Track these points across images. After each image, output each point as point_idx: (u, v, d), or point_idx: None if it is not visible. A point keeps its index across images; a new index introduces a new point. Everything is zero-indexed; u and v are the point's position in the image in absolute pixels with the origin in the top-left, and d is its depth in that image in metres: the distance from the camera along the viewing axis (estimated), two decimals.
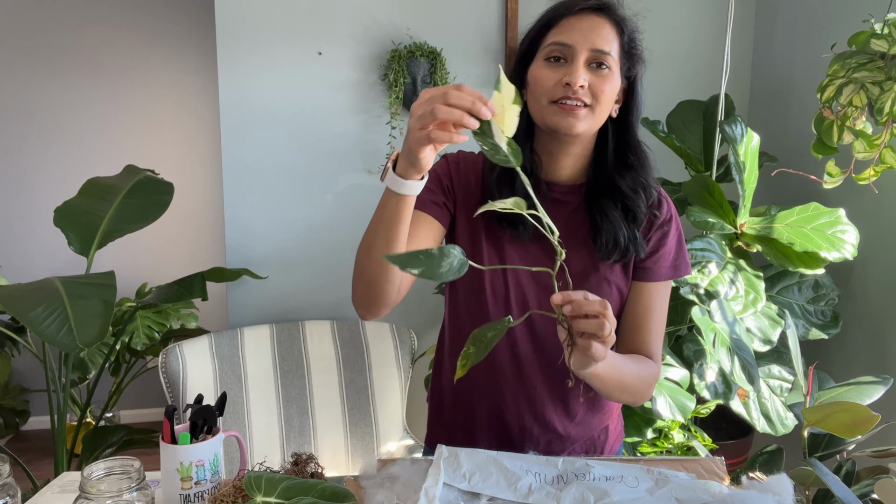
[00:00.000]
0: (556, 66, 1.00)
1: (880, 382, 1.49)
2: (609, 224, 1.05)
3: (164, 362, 1.75)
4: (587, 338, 0.83)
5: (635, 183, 1.06)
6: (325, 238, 2.09)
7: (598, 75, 0.99)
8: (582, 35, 0.99)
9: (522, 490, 0.93)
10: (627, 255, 1.07)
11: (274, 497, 0.82)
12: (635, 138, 1.08)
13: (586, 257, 1.08)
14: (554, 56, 1.01)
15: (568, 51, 0.99)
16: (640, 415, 1.76)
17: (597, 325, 0.82)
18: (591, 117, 1.01)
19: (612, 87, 1.01)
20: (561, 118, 1.00)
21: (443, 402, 1.23)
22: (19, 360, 3.05)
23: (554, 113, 1.00)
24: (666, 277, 1.11)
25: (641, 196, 1.06)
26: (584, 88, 0.98)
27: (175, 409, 0.99)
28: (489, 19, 2.11)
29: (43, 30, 3.23)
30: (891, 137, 1.44)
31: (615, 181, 1.06)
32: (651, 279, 1.10)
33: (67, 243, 1.79)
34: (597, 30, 0.99)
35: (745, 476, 0.99)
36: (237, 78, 1.99)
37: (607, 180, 1.07)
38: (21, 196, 3.30)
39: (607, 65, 1.00)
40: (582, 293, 0.83)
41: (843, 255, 1.68)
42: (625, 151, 1.07)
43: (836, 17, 1.95)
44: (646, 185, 1.07)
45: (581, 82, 0.97)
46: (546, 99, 1.01)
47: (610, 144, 1.07)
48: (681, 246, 1.13)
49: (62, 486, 1.07)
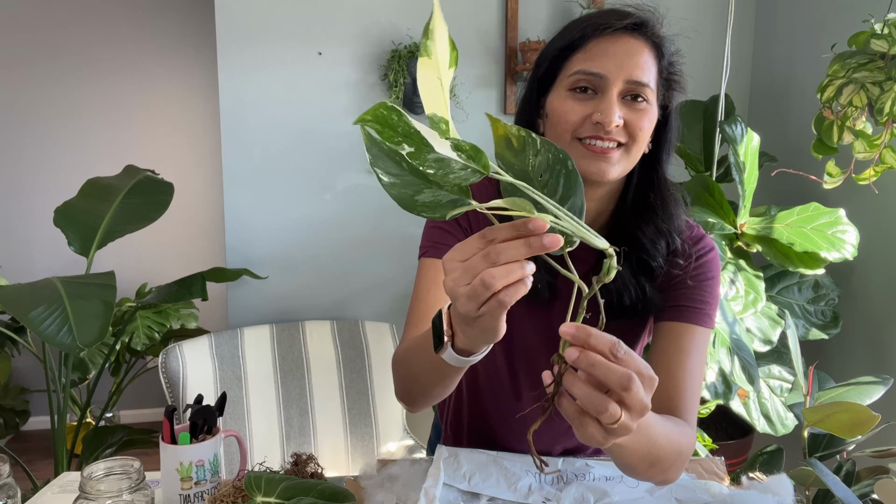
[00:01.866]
0: (583, 99, 0.84)
1: (880, 382, 1.49)
2: (613, 283, 0.79)
3: (164, 362, 1.75)
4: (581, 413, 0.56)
5: (657, 231, 0.91)
6: (325, 238, 2.09)
7: (635, 110, 0.84)
8: (616, 63, 0.83)
9: (522, 490, 0.93)
10: (635, 315, 0.92)
11: (274, 497, 0.82)
12: (663, 177, 0.92)
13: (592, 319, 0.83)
14: (581, 87, 0.85)
15: (599, 82, 0.83)
16: None
17: (599, 404, 0.54)
18: (626, 159, 0.85)
19: (650, 122, 0.85)
20: (591, 163, 0.84)
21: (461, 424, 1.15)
22: (19, 360, 3.05)
23: (581, 156, 0.84)
24: (698, 321, 0.91)
25: (660, 247, 0.91)
26: (619, 127, 0.83)
27: (175, 409, 0.98)
28: (489, 19, 2.11)
29: (43, 30, 3.22)
30: (891, 137, 1.44)
31: (634, 232, 0.91)
32: (683, 320, 0.91)
33: (67, 243, 1.79)
34: (633, 56, 0.83)
35: (745, 476, 0.99)
36: (237, 78, 1.99)
37: (626, 233, 0.91)
38: (21, 196, 3.30)
39: (645, 97, 0.84)
40: (608, 340, 0.55)
41: (843, 255, 1.68)
42: (646, 191, 0.92)
43: (836, 17, 1.95)
44: (666, 231, 0.91)
45: (617, 122, 0.82)
46: (570, 135, 0.85)
47: (634, 185, 0.92)
48: (717, 294, 0.95)
49: (62, 486, 1.07)
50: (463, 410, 1.14)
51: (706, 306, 0.92)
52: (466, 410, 1.13)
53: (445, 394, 0.79)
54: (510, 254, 0.54)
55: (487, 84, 2.11)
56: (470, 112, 2.11)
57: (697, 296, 0.92)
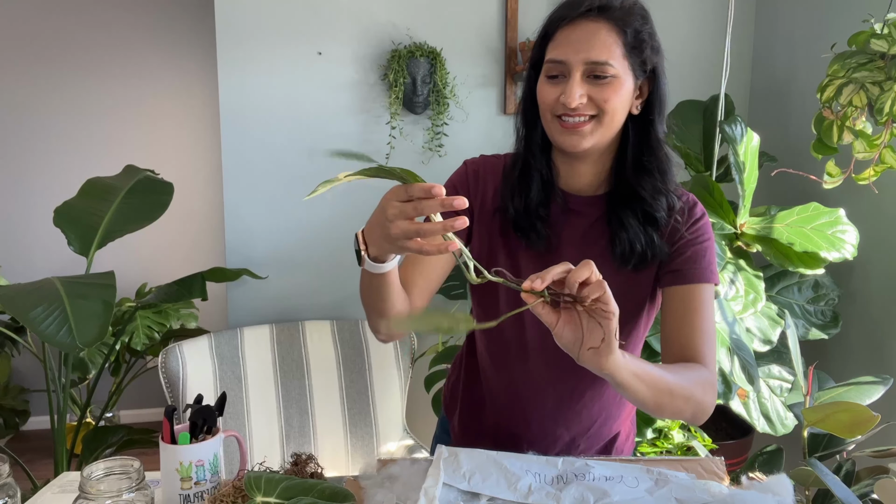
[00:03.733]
0: (555, 83, 0.96)
1: (880, 382, 1.49)
2: (625, 232, 1.00)
3: (164, 362, 1.75)
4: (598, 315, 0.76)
5: (655, 187, 1.00)
6: (325, 238, 2.09)
7: (598, 85, 0.94)
8: (574, 49, 0.94)
9: (522, 490, 0.93)
10: (646, 261, 1.02)
11: (274, 497, 0.82)
12: (655, 138, 1.01)
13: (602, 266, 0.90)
14: (551, 74, 0.97)
15: (563, 67, 0.95)
16: (640, 415, 1.76)
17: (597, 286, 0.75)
18: (600, 129, 0.96)
19: (617, 93, 0.95)
20: (565, 137, 0.97)
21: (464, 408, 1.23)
22: (19, 360, 3.05)
23: (558, 131, 0.97)
24: (703, 280, 1.01)
25: (661, 200, 1.01)
26: (585, 103, 0.94)
27: (175, 409, 0.99)
28: (489, 19, 2.11)
29: (43, 30, 3.22)
30: (891, 137, 1.44)
31: (635, 188, 1.01)
32: (687, 281, 1.01)
33: (67, 243, 1.79)
34: (591, 39, 0.94)
35: (745, 476, 0.99)
36: (237, 78, 1.99)
37: (627, 188, 1.01)
38: (21, 196, 3.30)
39: (607, 74, 0.94)
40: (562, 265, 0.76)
41: (843, 255, 1.68)
42: (641, 152, 1.01)
43: (836, 17, 1.95)
44: (664, 188, 1.01)
45: (575, 103, 0.93)
46: (550, 114, 0.98)
47: (630, 145, 1.01)
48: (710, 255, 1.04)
49: (62, 486, 1.07)
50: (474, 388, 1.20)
51: (708, 264, 1.02)
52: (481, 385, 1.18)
53: (388, 306, 0.93)
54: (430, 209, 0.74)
55: (487, 84, 2.11)
56: (470, 112, 2.11)
57: (697, 257, 1.01)
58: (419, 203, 0.73)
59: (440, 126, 2.08)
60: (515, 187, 1.03)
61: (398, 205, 0.75)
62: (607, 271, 0.89)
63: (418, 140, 2.11)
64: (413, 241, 0.75)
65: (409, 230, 0.74)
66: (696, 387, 0.94)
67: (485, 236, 1.07)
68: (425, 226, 0.74)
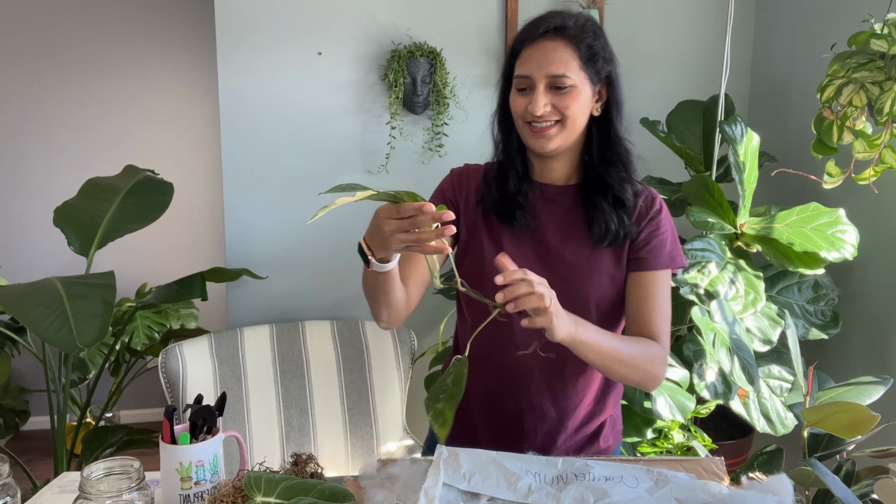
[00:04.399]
0: (524, 95, 1.12)
1: (880, 382, 1.49)
2: (600, 214, 1.14)
3: (164, 362, 1.75)
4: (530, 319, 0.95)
5: (620, 177, 1.15)
6: (325, 238, 2.09)
7: (559, 95, 1.09)
8: (537, 65, 1.09)
9: (522, 490, 0.93)
10: (619, 239, 1.16)
11: (274, 497, 0.82)
12: (616, 135, 1.16)
13: (579, 249, 1.17)
14: (520, 87, 1.12)
15: (529, 81, 1.11)
16: (640, 415, 1.76)
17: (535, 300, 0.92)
18: (564, 131, 1.11)
19: (576, 100, 1.10)
20: (534, 140, 1.12)
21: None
22: (19, 360, 3.04)
23: (529, 136, 1.13)
24: (663, 266, 1.17)
25: (627, 188, 1.16)
26: (549, 110, 1.09)
27: (175, 409, 0.99)
28: (489, 19, 2.11)
29: (43, 30, 3.22)
30: (891, 137, 1.44)
31: (603, 178, 1.15)
32: (648, 268, 1.17)
33: (67, 243, 1.79)
34: (549, 56, 1.08)
35: (745, 476, 0.99)
36: (237, 78, 1.99)
37: (597, 178, 1.16)
38: (21, 196, 3.30)
39: (566, 84, 1.09)
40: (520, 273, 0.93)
41: (843, 255, 1.68)
42: (605, 148, 1.16)
43: (836, 17, 1.95)
44: (627, 178, 1.16)
45: (540, 111, 1.09)
46: (522, 121, 1.13)
47: (594, 142, 1.16)
48: (675, 238, 1.20)
49: (62, 486, 1.07)
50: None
51: (669, 252, 1.18)
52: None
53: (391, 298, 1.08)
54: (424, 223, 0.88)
55: (487, 84, 2.11)
56: (470, 112, 2.11)
57: (659, 247, 1.17)
58: (414, 219, 0.88)
59: (440, 126, 2.08)
60: (493, 181, 1.18)
61: (394, 222, 0.90)
62: (586, 250, 1.15)
63: (418, 140, 2.11)
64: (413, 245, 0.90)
65: (408, 239, 0.90)
66: (646, 359, 1.12)
67: (471, 226, 1.21)
68: (422, 235, 0.89)
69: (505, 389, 1.21)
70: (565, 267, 1.14)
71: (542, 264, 1.15)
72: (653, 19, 2.23)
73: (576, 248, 1.16)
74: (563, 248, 1.16)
